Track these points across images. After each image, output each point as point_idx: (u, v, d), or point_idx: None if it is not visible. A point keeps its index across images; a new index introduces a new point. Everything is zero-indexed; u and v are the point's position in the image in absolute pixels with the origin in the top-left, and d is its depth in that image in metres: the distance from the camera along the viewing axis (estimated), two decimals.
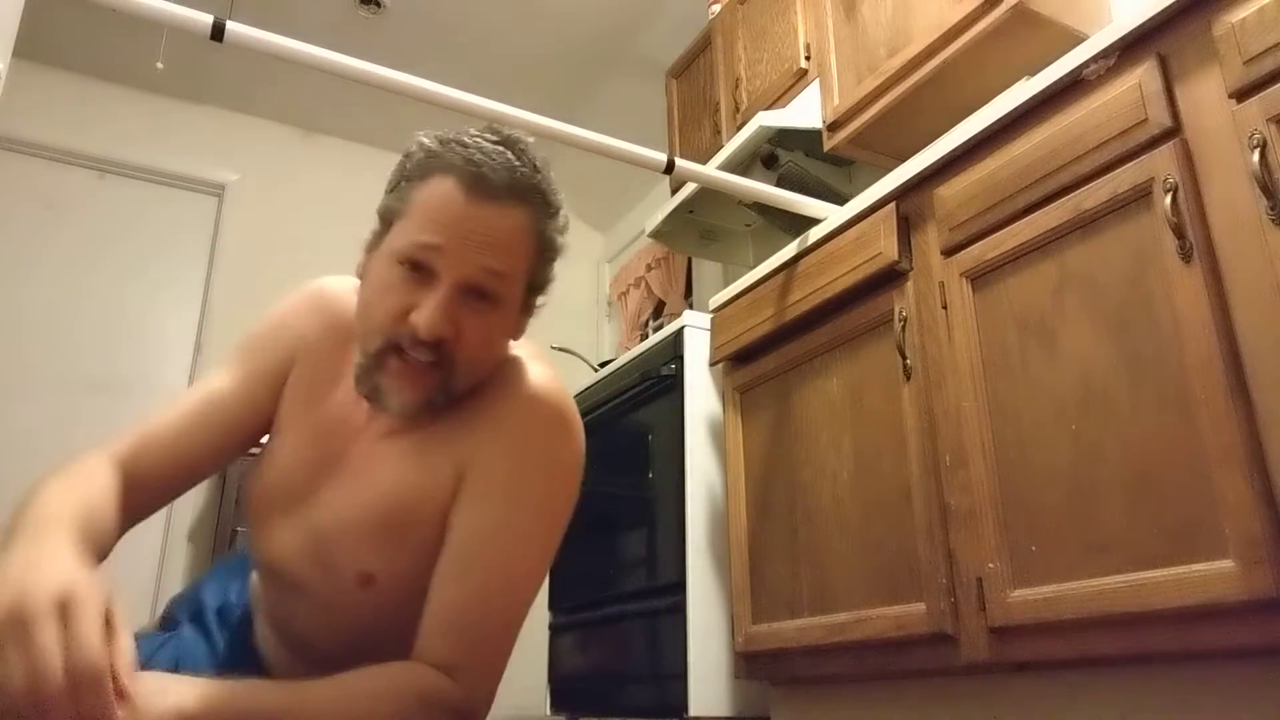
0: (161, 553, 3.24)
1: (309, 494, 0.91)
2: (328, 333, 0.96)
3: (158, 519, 2.15)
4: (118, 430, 0.89)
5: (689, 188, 2.75)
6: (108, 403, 3.30)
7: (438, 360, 0.84)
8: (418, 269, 0.83)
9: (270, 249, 3.64)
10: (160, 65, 2.84)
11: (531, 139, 0.89)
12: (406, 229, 0.85)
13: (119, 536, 0.83)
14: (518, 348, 0.95)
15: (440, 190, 0.84)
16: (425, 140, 0.88)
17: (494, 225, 0.84)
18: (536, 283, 0.92)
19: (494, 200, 0.84)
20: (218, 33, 1.44)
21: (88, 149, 3.50)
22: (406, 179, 0.87)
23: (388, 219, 0.88)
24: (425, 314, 0.81)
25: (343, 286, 1.00)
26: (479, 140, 0.85)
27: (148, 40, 2.90)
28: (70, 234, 3.42)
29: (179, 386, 3.36)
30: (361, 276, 0.91)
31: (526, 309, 0.93)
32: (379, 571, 0.88)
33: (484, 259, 0.83)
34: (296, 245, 3.64)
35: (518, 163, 0.85)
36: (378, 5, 3.23)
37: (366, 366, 0.86)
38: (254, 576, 1.04)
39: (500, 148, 0.85)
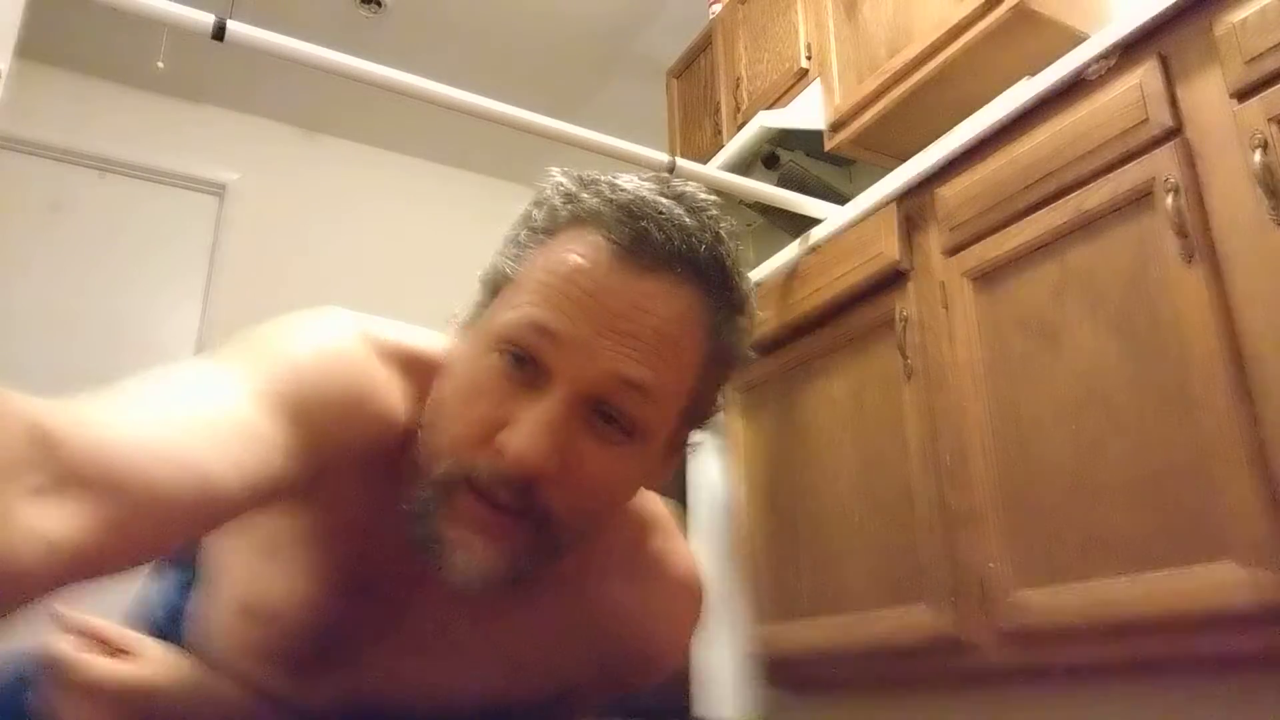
0: None
1: (343, 649, 0.67)
2: (371, 454, 0.61)
3: None
4: None
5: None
6: None
7: (528, 507, 0.55)
8: (523, 363, 0.56)
9: (271, 248, 3.63)
10: (161, 65, 2.83)
11: (714, 198, 0.62)
12: (515, 299, 0.57)
13: None
14: None
15: (575, 247, 0.57)
16: (562, 180, 0.61)
17: (649, 308, 0.56)
18: (699, 409, 0.62)
19: (654, 271, 0.56)
20: (219, 32, 1.44)
21: (88, 148, 3.49)
22: (530, 229, 0.60)
23: (494, 284, 0.61)
24: (520, 434, 0.53)
25: (399, 347, 0.64)
26: (640, 188, 0.59)
27: (149, 40, 2.89)
28: (71, 233, 3.42)
29: None
30: (446, 365, 0.62)
31: (677, 446, 0.63)
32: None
33: (624, 361, 0.55)
34: (297, 245, 3.65)
35: (693, 224, 0.58)
36: (378, 5, 3.23)
37: (426, 503, 0.57)
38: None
39: (670, 203, 0.58)
